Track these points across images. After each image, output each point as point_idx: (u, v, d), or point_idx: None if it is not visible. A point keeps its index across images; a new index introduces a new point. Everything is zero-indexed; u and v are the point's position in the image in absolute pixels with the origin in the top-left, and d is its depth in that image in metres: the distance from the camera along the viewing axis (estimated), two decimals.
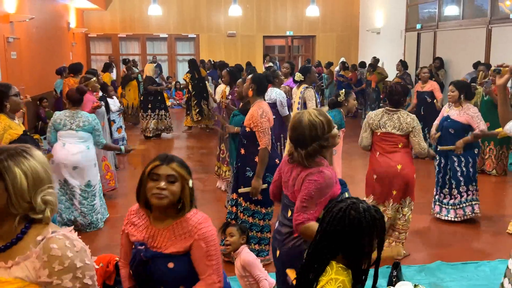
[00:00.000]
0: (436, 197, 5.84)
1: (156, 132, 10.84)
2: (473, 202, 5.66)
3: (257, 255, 4.47)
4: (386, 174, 4.58)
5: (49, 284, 1.61)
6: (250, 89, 4.42)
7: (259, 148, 4.29)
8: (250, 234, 4.52)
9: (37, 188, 1.65)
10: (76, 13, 15.20)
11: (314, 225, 2.53)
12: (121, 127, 8.76)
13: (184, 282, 2.30)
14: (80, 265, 1.63)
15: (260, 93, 4.49)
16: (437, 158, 5.79)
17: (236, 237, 3.64)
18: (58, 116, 5.43)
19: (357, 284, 2.03)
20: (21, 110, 5.44)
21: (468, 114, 5.46)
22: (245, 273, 3.57)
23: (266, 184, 4.38)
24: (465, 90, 5.58)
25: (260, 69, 13.82)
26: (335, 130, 2.78)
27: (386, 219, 4.38)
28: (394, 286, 3.91)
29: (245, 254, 3.57)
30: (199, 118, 11.44)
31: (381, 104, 12.84)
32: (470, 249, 5.06)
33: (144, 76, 10.74)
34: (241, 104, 5.46)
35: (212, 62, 13.24)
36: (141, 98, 10.89)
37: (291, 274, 2.73)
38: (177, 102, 16.41)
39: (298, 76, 6.10)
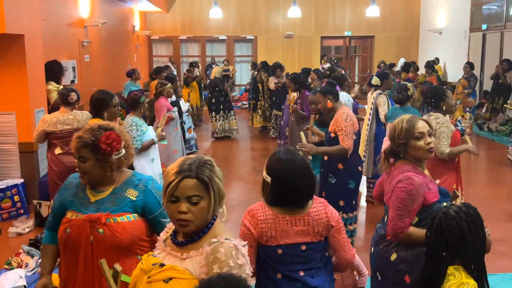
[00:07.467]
0: None
1: (223, 134, 10.74)
2: None
3: None
4: None
5: None
6: (328, 101, 4.49)
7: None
8: None
9: None
10: (140, 16, 15.69)
11: (414, 231, 2.66)
12: (190, 127, 9.03)
13: None
14: None
15: (337, 98, 4.57)
16: None
17: None
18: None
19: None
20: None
21: None
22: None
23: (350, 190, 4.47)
24: None
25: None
26: (418, 143, 2.73)
27: None
28: None
29: None
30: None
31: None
32: None
33: (212, 77, 10.88)
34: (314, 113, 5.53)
35: None
36: (208, 101, 10.92)
37: None
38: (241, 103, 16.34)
39: (375, 80, 6.10)
